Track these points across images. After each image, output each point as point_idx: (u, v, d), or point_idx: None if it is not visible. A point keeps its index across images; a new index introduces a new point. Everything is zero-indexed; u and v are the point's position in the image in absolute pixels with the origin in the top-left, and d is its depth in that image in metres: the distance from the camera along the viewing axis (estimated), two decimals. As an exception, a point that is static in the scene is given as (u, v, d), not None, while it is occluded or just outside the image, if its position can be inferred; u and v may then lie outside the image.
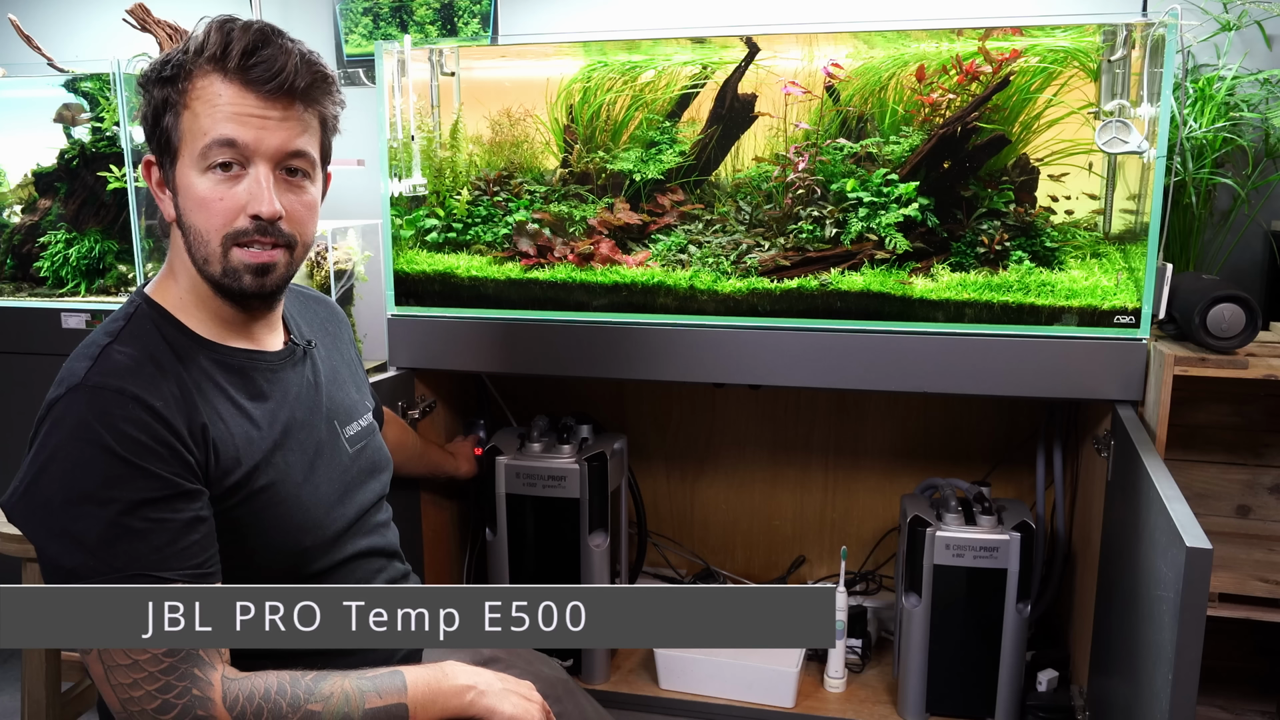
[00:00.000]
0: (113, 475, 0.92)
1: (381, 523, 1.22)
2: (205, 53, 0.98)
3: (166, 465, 0.94)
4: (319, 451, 1.12)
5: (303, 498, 1.07)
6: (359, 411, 1.22)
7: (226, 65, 0.97)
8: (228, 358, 1.06)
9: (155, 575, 0.92)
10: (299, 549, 1.07)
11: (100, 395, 0.94)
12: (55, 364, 1.04)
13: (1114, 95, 1.63)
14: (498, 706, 1.07)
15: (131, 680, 0.92)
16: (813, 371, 1.70)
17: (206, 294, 1.05)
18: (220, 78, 0.98)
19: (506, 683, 1.10)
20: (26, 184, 2.42)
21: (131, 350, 0.99)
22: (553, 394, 2.22)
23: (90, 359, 0.97)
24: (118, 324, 1.03)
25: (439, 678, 1.06)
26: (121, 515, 0.92)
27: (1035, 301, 1.62)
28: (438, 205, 1.90)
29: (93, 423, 0.93)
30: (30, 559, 1.64)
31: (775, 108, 1.79)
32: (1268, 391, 1.73)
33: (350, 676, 1.01)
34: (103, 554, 0.91)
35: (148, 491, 0.93)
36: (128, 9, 2.11)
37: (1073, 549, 1.93)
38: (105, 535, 0.92)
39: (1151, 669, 1.17)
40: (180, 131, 0.99)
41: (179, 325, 1.04)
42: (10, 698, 2.18)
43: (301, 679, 0.99)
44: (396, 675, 1.03)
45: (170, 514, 0.94)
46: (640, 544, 2.15)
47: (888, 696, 1.86)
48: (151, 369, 0.98)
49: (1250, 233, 2.01)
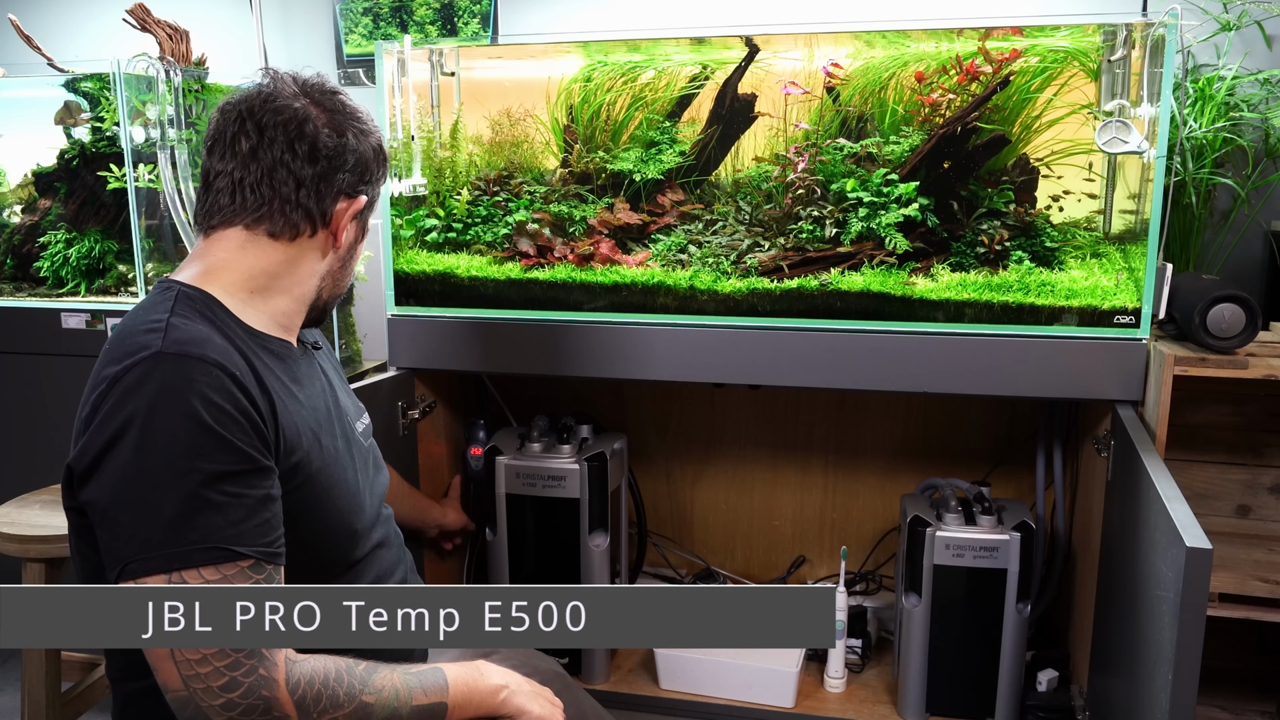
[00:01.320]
0: (197, 445, 0.91)
1: (389, 514, 1.26)
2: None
3: (248, 438, 0.94)
4: (348, 439, 1.15)
5: (349, 480, 1.11)
6: (361, 411, 1.26)
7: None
8: (267, 342, 1.07)
9: (230, 550, 0.92)
10: (351, 530, 1.10)
11: (184, 363, 0.93)
12: (55, 364, 1.03)
13: (1114, 95, 1.63)
14: (527, 707, 1.11)
15: (201, 656, 0.91)
16: (813, 371, 1.70)
17: (291, 301, 1.10)
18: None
19: (534, 685, 1.14)
20: (26, 184, 2.42)
21: (195, 322, 0.99)
22: (553, 394, 2.22)
23: (158, 331, 0.96)
24: (165, 303, 1.01)
25: (475, 677, 1.09)
26: (201, 487, 0.91)
27: (1035, 301, 1.62)
28: (438, 205, 1.90)
29: (180, 389, 0.92)
30: (31, 559, 1.64)
31: (775, 108, 1.79)
32: (1268, 391, 1.73)
33: (398, 671, 1.04)
34: (180, 526, 0.90)
35: (229, 464, 0.93)
36: (128, 9, 2.11)
37: (1073, 549, 1.93)
38: (184, 507, 0.90)
39: (1151, 669, 1.17)
40: (374, 198, 1.17)
41: (225, 309, 1.04)
42: (10, 698, 2.18)
43: (356, 668, 1.00)
44: (438, 673, 1.06)
45: (247, 489, 0.94)
46: (640, 544, 2.15)
47: (888, 696, 1.86)
48: (222, 341, 0.98)
49: (1250, 233, 2.01)
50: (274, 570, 0.96)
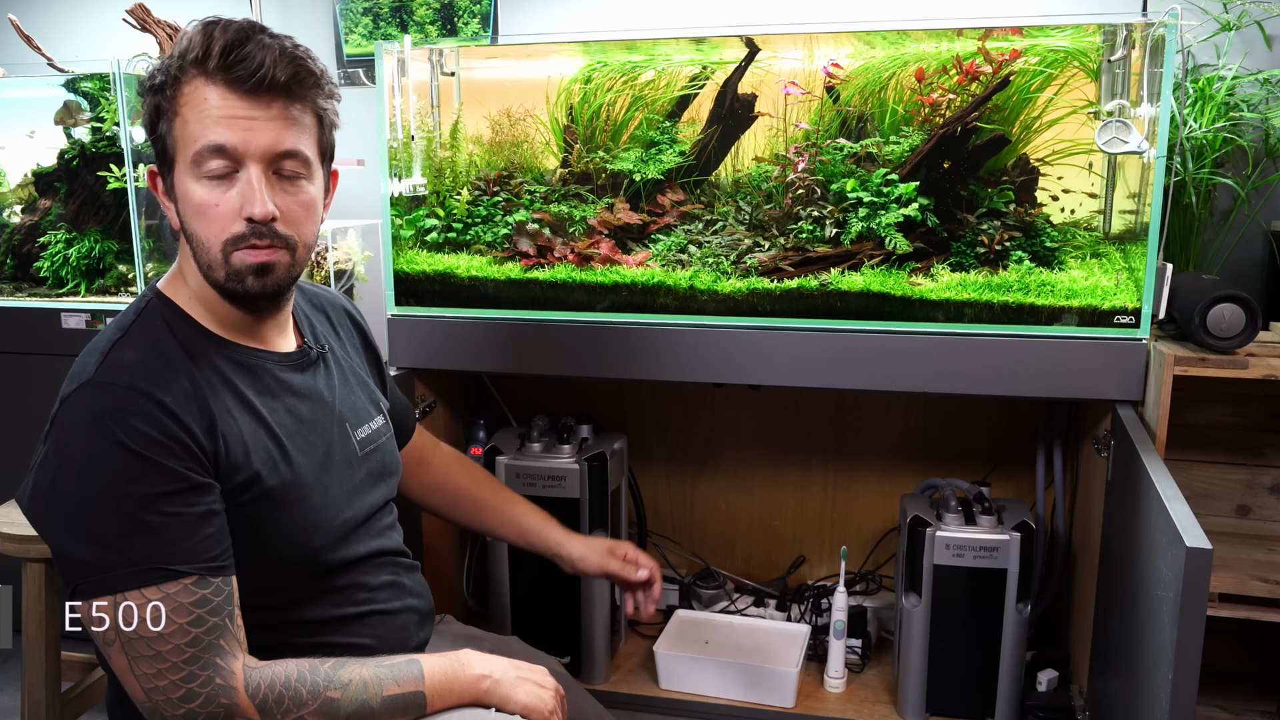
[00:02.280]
0: (126, 470, 0.93)
1: (388, 525, 1.22)
2: (189, 56, 0.97)
3: (178, 459, 0.95)
4: (329, 454, 1.12)
5: (312, 499, 1.08)
6: (370, 415, 1.22)
7: (209, 67, 0.96)
8: (239, 355, 1.06)
9: (171, 569, 0.93)
10: (309, 549, 1.08)
11: (109, 391, 0.95)
12: (55, 364, 1.04)
13: (1114, 95, 1.63)
14: (512, 695, 1.08)
15: (156, 670, 0.93)
16: (813, 371, 1.70)
17: (214, 298, 1.05)
18: (205, 81, 0.97)
19: (520, 670, 1.11)
20: (26, 184, 2.42)
21: (141, 346, 1.00)
22: (553, 394, 2.22)
23: (100, 354, 0.98)
24: (128, 319, 1.03)
25: (455, 667, 1.07)
26: (137, 510, 0.93)
27: (1035, 301, 1.62)
28: (438, 205, 1.90)
29: (103, 419, 0.93)
30: (30, 559, 1.64)
31: (775, 108, 1.79)
32: (1268, 391, 1.73)
33: (368, 664, 1.03)
34: (119, 548, 0.92)
35: (161, 485, 0.94)
36: (128, 9, 2.11)
37: (1073, 549, 1.93)
38: (121, 530, 0.92)
39: (1151, 669, 1.17)
40: (174, 139, 0.99)
41: (190, 320, 1.04)
42: (10, 698, 2.18)
43: (320, 666, 1.01)
44: (414, 664, 1.05)
45: (184, 507, 0.95)
46: (640, 544, 2.14)
47: (888, 696, 1.86)
48: (160, 364, 0.99)
49: (1250, 233, 2.01)
50: (221, 582, 0.96)
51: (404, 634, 1.18)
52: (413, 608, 1.20)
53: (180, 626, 0.93)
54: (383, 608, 1.15)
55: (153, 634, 0.93)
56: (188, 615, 0.93)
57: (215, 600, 0.95)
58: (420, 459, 1.45)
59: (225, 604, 0.96)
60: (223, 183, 0.98)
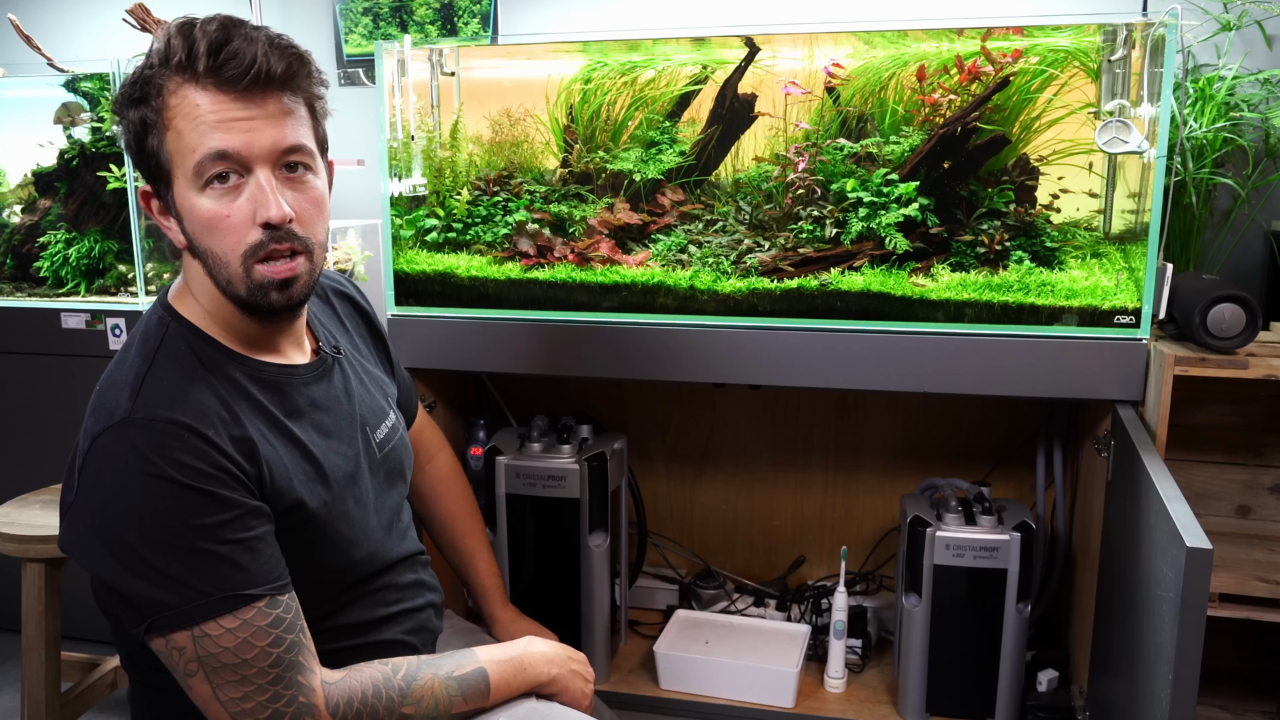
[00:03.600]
0: (183, 506, 0.91)
1: (407, 523, 1.22)
2: (171, 61, 0.91)
3: (230, 489, 0.94)
4: (357, 462, 1.11)
5: (351, 513, 1.08)
6: (386, 412, 1.21)
7: (197, 70, 0.91)
8: (262, 372, 1.03)
9: (244, 594, 0.93)
10: (350, 561, 1.08)
11: (153, 429, 0.92)
12: (55, 364, 1.03)
13: (1114, 95, 1.63)
14: (568, 688, 1.16)
15: (242, 694, 0.93)
16: (813, 371, 1.70)
17: (230, 313, 1.01)
18: (193, 86, 0.92)
19: (573, 660, 1.19)
20: (26, 184, 2.42)
21: (171, 375, 0.97)
22: (553, 394, 2.22)
23: (130, 389, 0.94)
24: (151, 345, 0.99)
25: (517, 671, 1.12)
26: (201, 542, 0.91)
27: (1035, 301, 1.62)
28: (438, 205, 1.90)
29: (151, 457, 0.90)
30: (30, 559, 1.64)
31: (775, 108, 1.79)
32: (1268, 391, 1.73)
33: (440, 674, 1.05)
34: (191, 581, 0.91)
35: (220, 515, 0.92)
36: (128, 9, 2.11)
37: (1073, 549, 1.93)
38: (189, 564, 0.91)
39: (1151, 669, 1.17)
40: (168, 153, 0.93)
41: (210, 340, 1.01)
42: (10, 698, 2.18)
43: (394, 679, 1.02)
44: (480, 674, 1.08)
45: (245, 533, 0.94)
46: (640, 544, 2.14)
47: (888, 696, 1.86)
48: (194, 394, 0.96)
49: (1250, 233, 2.01)
50: (289, 599, 0.97)
51: (428, 627, 1.21)
52: (432, 602, 1.22)
53: (261, 649, 0.93)
54: (409, 605, 1.17)
55: (236, 660, 0.92)
56: (267, 637, 0.93)
57: (288, 618, 0.95)
58: (429, 457, 1.46)
59: (296, 619, 0.97)
60: (230, 191, 0.94)
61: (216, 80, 0.91)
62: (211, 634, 0.92)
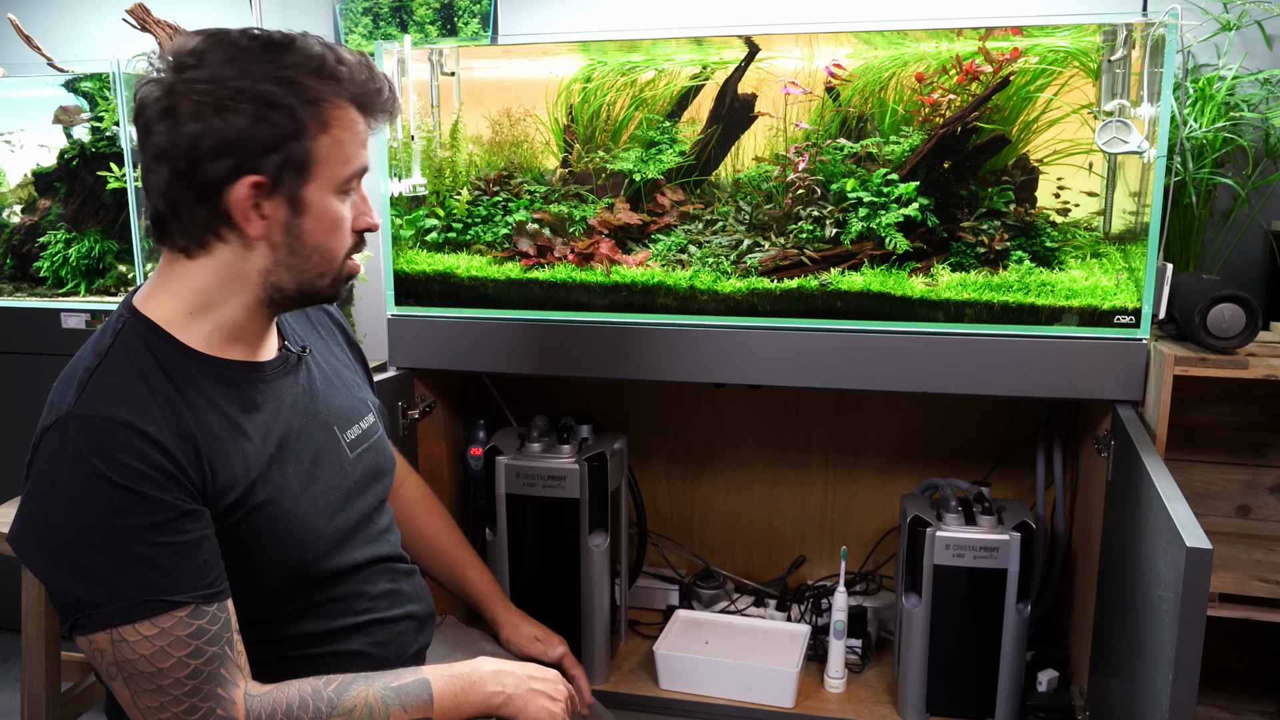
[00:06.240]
0: (113, 504, 0.91)
1: (384, 529, 1.20)
2: (342, 80, 0.99)
3: (165, 489, 0.93)
4: (317, 460, 1.09)
5: (301, 510, 1.06)
6: (360, 414, 1.19)
7: (354, 92, 1.00)
8: (221, 370, 1.03)
9: (166, 600, 0.92)
10: (300, 561, 1.06)
11: (91, 424, 0.92)
12: (55, 364, 1.02)
13: (1114, 95, 1.63)
14: (524, 710, 1.09)
15: (158, 703, 0.92)
16: (813, 371, 1.70)
17: (236, 308, 1.02)
18: (353, 107, 1.01)
19: (534, 680, 1.11)
20: (26, 184, 2.42)
21: (120, 372, 0.97)
22: (553, 394, 2.22)
23: (78, 384, 0.95)
24: (105, 342, 0.99)
25: (465, 686, 1.07)
26: (128, 543, 0.91)
27: (1035, 301, 1.62)
28: (438, 205, 1.90)
29: (86, 453, 0.91)
30: (30, 559, 1.64)
31: (775, 108, 1.79)
32: (1268, 391, 1.73)
33: (375, 685, 1.02)
34: (113, 582, 0.91)
35: (150, 517, 0.92)
36: (128, 9, 2.11)
37: (1073, 549, 1.93)
38: (114, 564, 0.91)
39: (1151, 669, 1.17)
40: (319, 153, 0.98)
41: (170, 339, 1.01)
42: (10, 698, 2.18)
43: (324, 690, 0.99)
44: (422, 685, 1.04)
45: (175, 536, 0.93)
46: (640, 544, 2.15)
47: (888, 696, 1.86)
48: (142, 390, 0.96)
49: (1250, 233, 2.01)
50: (217, 609, 0.95)
51: (403, 640, 1.17)
52: (411, 614, 1.19)
53: (179, 659, 0.92)
54: (381, 616, 1.14)
55: (152, 668, 0.92)
56: (185, 647, 0.92)
57: (212, 629, 0.94)
58: (399, 481, 1.41)
59: (223, 631, 0.95)
60: (348, 200, 1.03)
61: (368, 107, 1.02)
62: (129, 639, 0.91)
